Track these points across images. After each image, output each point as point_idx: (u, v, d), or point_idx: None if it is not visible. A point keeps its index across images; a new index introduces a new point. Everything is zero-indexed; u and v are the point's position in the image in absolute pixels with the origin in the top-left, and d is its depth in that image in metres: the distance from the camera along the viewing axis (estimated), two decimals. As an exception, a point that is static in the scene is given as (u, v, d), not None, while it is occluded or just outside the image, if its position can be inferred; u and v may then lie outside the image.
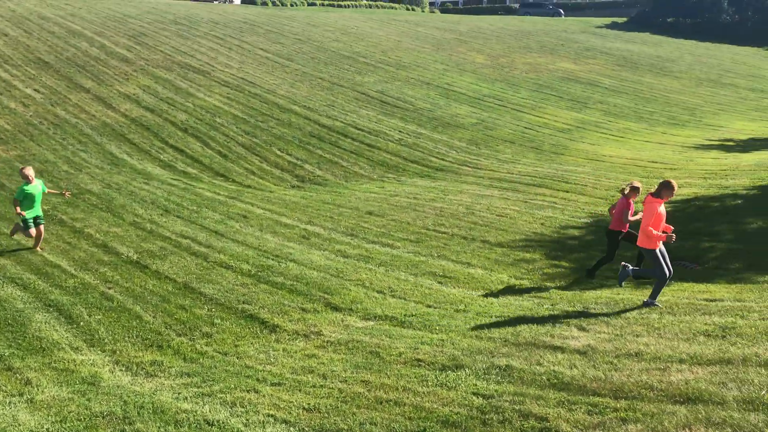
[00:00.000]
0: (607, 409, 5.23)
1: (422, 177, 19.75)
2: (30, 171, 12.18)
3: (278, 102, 26.44)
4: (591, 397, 5.60)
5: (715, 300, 8.81)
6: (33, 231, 12.08)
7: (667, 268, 8.63)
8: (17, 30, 30.29)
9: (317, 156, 21.64)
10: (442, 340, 7.95)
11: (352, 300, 10.09)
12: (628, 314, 8.24)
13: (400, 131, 24.39)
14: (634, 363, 6.32)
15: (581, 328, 7.76)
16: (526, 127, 25.74)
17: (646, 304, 8.57)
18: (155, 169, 19.04)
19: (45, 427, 6.28)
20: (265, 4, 53.91)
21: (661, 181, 8.74)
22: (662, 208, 8.64)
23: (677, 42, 51.76)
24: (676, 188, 8.61)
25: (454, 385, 6.34)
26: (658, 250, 8.63)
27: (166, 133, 21.94)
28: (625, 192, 10.54)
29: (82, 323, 9.24)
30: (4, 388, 7.38)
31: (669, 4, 60.11)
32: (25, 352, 8.32)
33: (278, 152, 21.64)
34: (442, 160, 21.46)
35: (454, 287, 10.67)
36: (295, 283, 10.84)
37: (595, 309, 8.70)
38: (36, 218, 12.12)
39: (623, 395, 5.57)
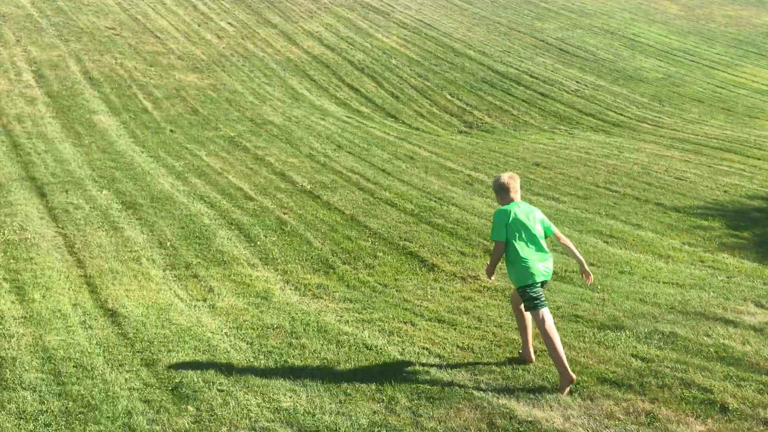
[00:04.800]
0: (781, 391, 4.90)
1: (596, 131, 18.94)
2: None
3: (453, 46, 26.27)
4: (764, 376, 5.25)
5: None
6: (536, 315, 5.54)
7: None
8: (216, -34, 32.25)
9: (487, 102, 21.39)
10: (603, 300, 7.75)
11: (512, 249, 10.04)
12: (816, 296, 7.54)
13: (577, 82, 23.42)
14: (818, 348, 5.82)
15: (759, 305, 7.22)
16: (718, 86, 23.71)
17: None
18: (331, 106, 19.79)
19: (224, 331, 6.95)
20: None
21: None
22: None
23: None
24: None
25: (612, 344, 6.20)
26: None
27: (344, 72, 22.63)
28: None
29: (258, 243, 9.98)
30: (191, 292, 8.22)
31: None
32: (210, 263, 9.16)
33: (449, 96, 21.63)
34: (621, 115, 20.41)
35: (621, 248, 10.28)
36: (455, 226, 10.96)
37: (777, 286, 8.05)
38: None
39: (801, 379, 5.17)
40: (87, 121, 15.38)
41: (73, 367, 5.96)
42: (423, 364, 5.88)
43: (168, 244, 9.69)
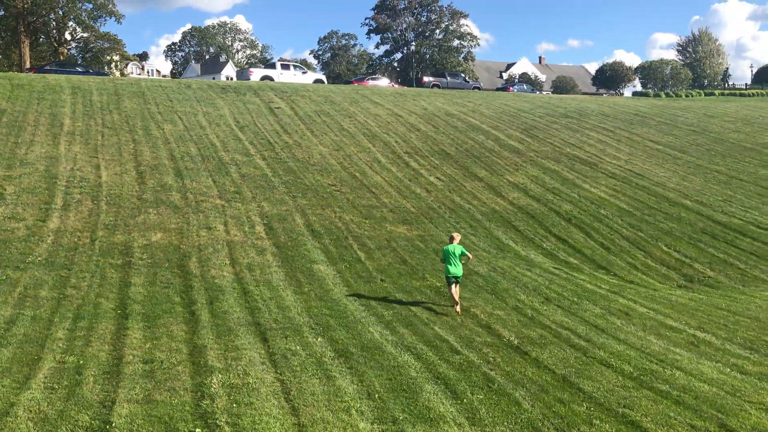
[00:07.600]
0: None
1: None
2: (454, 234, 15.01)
3: (667, 195, 25.19)
4: None
5: None
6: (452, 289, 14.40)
7: None
8: (427, 126, 34.55)
9: (709, 255, 19.88)
10: None
11: (752, 426, 8.81)
12: None
13: (815, 233, 21.09)
14: None
15: None
16: None
17: None
18: (537, 257, 19.53)
19: (430, 496, 6.65)
20: (658, 95, 52.77)
21: None
22: None
23: None
24: None
25: None
26: None
27: (550, 222, 22.45)
28: None
29: (465, 400, 9.71)
30: (397, 449, 8.08)
31: None
32: (416, 419, 9.02)
33: (665, 248, 20.45)
34: None
35: None
36: (682, 394, 9.91)
37: None
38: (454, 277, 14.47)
39: None
40: (307, 270, 16.53)
41: None
42: None
43: (376, 395, 9.75)
